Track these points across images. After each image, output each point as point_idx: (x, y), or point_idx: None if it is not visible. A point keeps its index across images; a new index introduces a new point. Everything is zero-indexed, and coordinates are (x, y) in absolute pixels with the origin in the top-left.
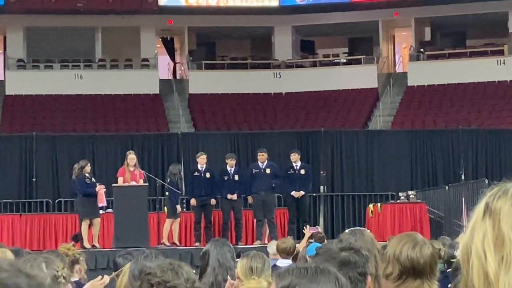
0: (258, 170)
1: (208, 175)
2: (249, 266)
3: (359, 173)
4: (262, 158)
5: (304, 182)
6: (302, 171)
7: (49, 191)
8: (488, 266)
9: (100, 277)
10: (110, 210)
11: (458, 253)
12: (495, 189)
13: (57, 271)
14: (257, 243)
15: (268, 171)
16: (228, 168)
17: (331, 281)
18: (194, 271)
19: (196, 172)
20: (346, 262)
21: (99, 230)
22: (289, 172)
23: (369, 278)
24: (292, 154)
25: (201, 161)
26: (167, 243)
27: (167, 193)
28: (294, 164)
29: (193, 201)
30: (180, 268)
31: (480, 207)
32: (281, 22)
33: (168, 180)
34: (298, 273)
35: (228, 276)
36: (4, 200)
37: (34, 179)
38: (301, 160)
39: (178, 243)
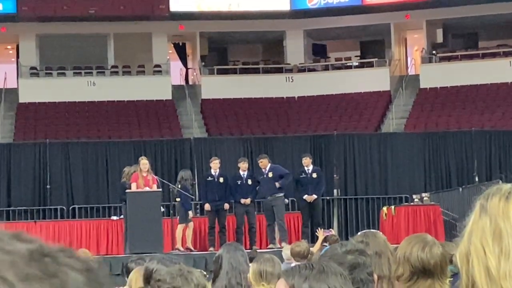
0: (262, 176)
1: (221, 180)
2: (259, 271)
3: (373, 176)
4: (263, 165)
5: (316, 185)
6: (314, 175)
7: (63, 198)
8: (488, 260)
9: None
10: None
11: (456, 256)
12: (487, 190)
13: None
14: (270, 247)
15: (270, 175)
16: (241, 173)
17: (337, 277)
18: (206, 275)
19: (209, 177)
20: (355, 265)
21: None
22: (301, 176)
23: (375, 277)
24: (304, 158)
25: (215, 166)
26: (181, 249)
27: (178, 199)
28: (306, 168)
29: (207, 206)
30: (190, 274)
31: (476, 210)
32: (292, 26)
33: (179, 186)
34: (304, 270)
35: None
36: (18, 208)
37: (48, 186)
38: (313, 163)
39: (192, 248)
